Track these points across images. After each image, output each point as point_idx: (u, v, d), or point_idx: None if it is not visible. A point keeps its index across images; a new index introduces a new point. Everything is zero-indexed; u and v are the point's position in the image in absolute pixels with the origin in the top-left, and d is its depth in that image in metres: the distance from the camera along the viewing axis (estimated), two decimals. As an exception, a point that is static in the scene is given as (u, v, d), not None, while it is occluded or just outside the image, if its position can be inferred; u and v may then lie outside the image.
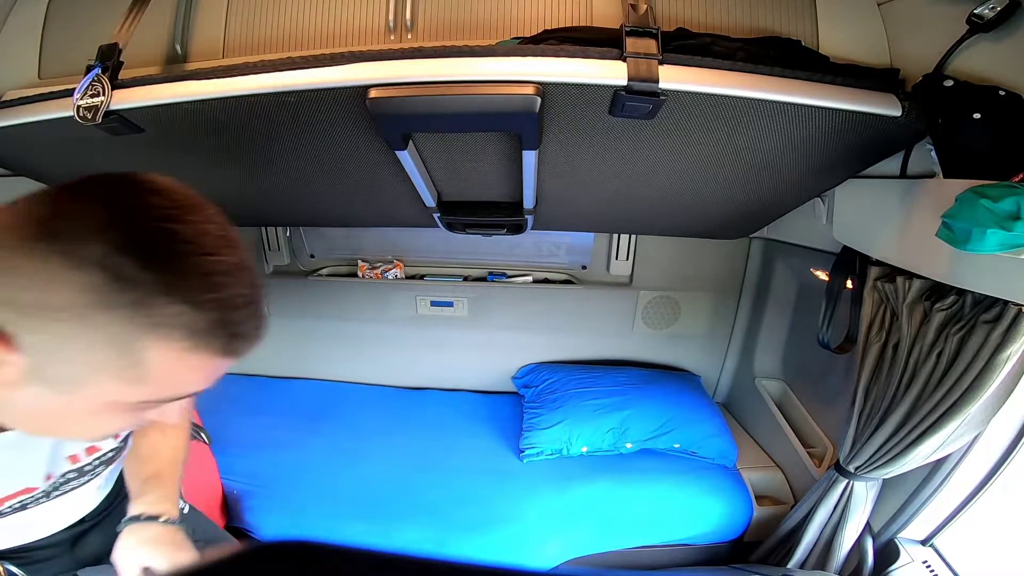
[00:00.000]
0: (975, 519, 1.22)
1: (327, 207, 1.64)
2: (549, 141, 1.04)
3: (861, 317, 1.25)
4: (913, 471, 1.20)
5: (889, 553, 1.31)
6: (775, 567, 1.54)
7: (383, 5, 1.09)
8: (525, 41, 1.01)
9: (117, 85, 0.94)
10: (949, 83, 0.88)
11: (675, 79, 0.84)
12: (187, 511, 1.01)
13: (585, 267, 2.23)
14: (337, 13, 1.10)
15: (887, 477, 1.25)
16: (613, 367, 2.22)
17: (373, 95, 0.87)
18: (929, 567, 1.26)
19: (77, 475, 0.73)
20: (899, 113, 0.88)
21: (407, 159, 1.09)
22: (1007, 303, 0.92)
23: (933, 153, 0.96)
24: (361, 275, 2.28)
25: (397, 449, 1.93)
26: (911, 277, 1.09)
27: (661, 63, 0.84)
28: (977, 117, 0.83)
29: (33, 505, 0.70)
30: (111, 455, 0.77)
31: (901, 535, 1.31)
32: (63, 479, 0.71)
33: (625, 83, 0.83)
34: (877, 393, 1.21)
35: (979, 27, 0.84)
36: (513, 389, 2.32)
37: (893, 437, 1.16)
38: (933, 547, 1.30)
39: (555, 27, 1.05)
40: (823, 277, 1.49)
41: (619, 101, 0.86)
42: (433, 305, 2.24)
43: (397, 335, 2.32)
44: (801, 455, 1.69)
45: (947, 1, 0.89)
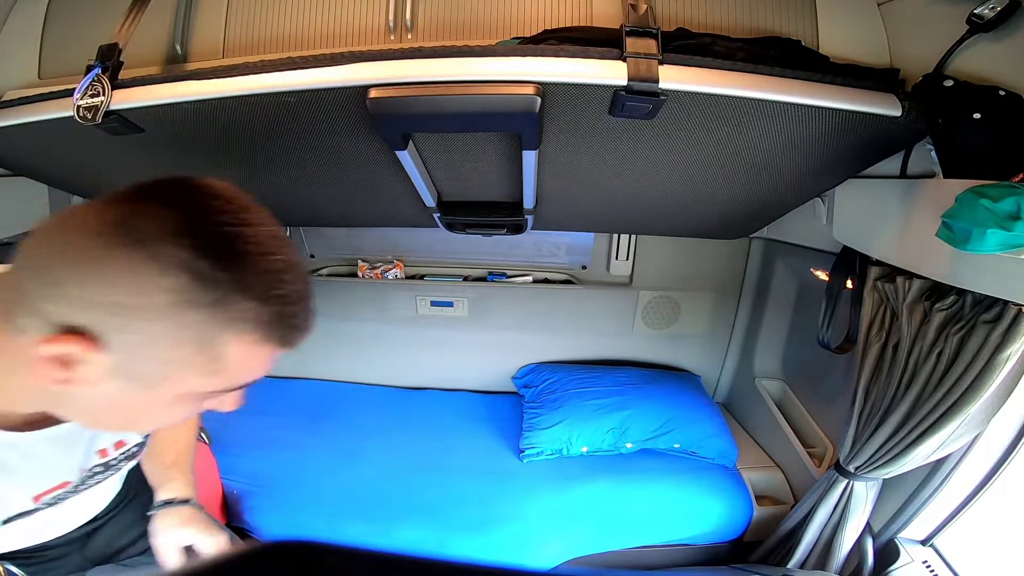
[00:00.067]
0: (975, 519, 1.22)
1: (327, 207, 1.64)
2: (549, 141, 1.04)
3: (861, 317, 1.25)
4: (913, 471, 1.20)
5: (889, 553, 1.31)
6: (775, 567, 1.54)
7: (383, 5, 1.09)
8: (525, 41, 1.01)
9: (117, 85, 0.94)
10: (949, 83, 0.88)
11: (675, 79, 0.84)
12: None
13: (585, 267, 2.23)
14: (337, 13, 1.10)
15: (887, 477, 1.25)
16: (613, 367, 2.22)
17: (373, 95, 0.87)
18: (929, 567, 1.26)
19: (103, 469, 0.73)
20: (899, 113, 0.88)
21: (407, 159, 1.09)
22: (1007, 303, 0.92)
23: (933, 153, 0.96)
24: (361, 275, 2.28)
25: (397, 449, 1.93)
26: (911, 277, 1.09)
27: (661, 63, 0.84)
28: (977, 117, 0.83)
29: (63, 500, 0.70)
30: (135, 450, 0.77)
31: (901, 535, 1.31)
32: (90, 473, 0.72)
33: (625, 83, 0.83)
34: (877, 393, 1.21)
35: (979, 27, 0.84)
36: (513, 389, 2.31)
37: (893, 437, 1.16)
38: (933, 547, 1.30)
39: (555, 27, 1.05)
40: (823, 277, 1.49)
41: (619, 101, 0.87)
42: (433, 305, 2.24)
43: (397, 335, 2.32)
44: (801, 455, 1.69)
45: (947, 1, 0.89)
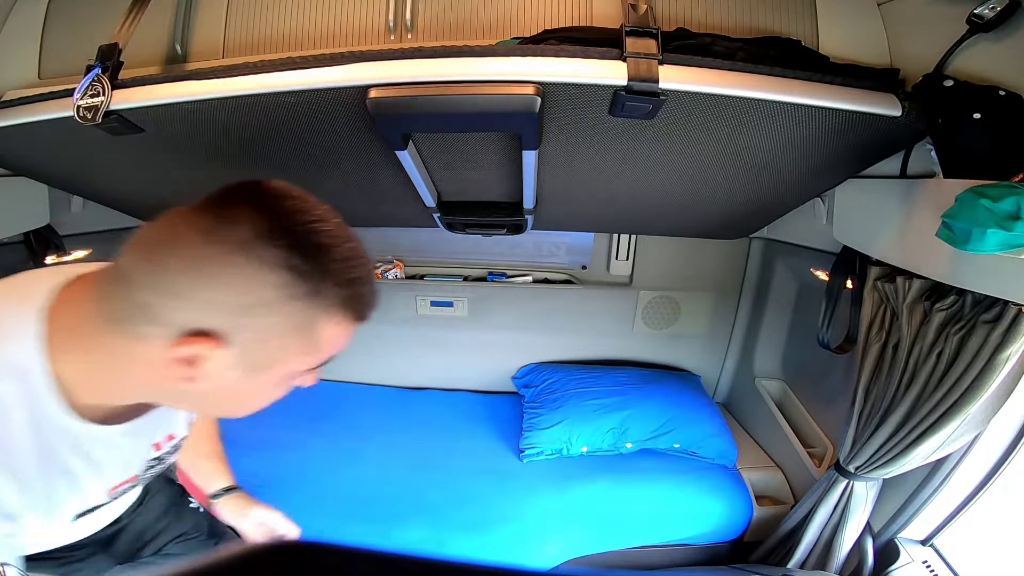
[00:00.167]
0: (975, 519, 1.22)
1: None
2: (549, 141, 1.04)
3: (861, 317, 1.25)
4: (913, 471, 1.20)
5: (889, 553, 1.31)
6: (775, 567, 1.54)
7: (383, 5, 1.09)
8: (525, 41, 1.01)
9: (117, 85, 0.94)
10: (949, 83, 0.88)
11: (675, 79, 0.84)
12: (201, 510, 1.09)
13: (585, 267, 2.23)
14: (337, 13, 1.10)
15: (887, 477, 1.25)
16: (613, 367, 2.22)
17: (373, 95, 0.87)
18: (929, 567, 1.26)
19: (157, 463, 0.74)
20: (899, 113, 0.88)
21: (407, 159, 1.09)
22: (1007, 303, 0.92)
23: (933, 153, 0.96)
24: (361, 275, 2.28)
25: (397, 449, 1.93)
26: (911, 277, 1.09)
27: (661, 63, 0.84)
28: (977, 117, 0.83)
29: (125, 494, 0.70)
30: (180, 443, 0.77)
31: (901, 535, 1.31)
32: (149, 466, 0.72)
33: (625, 83, 0.83)
34: (877, 393, 1.21)
35: (979, 27, 0.84)
36: (513, 389, 2.32)
37: (893, 437, 1.16)
38: (933, 547, 1.30)
39: (555, 27, 1.05)
40: (823, 277, 1.49)
41: (619, 101, 0.86)
42: (433, 305, 2.24)
43: (397, 335, 2.31)
44: (801, 455, 1.69)
45: (947, 1, 0.89)
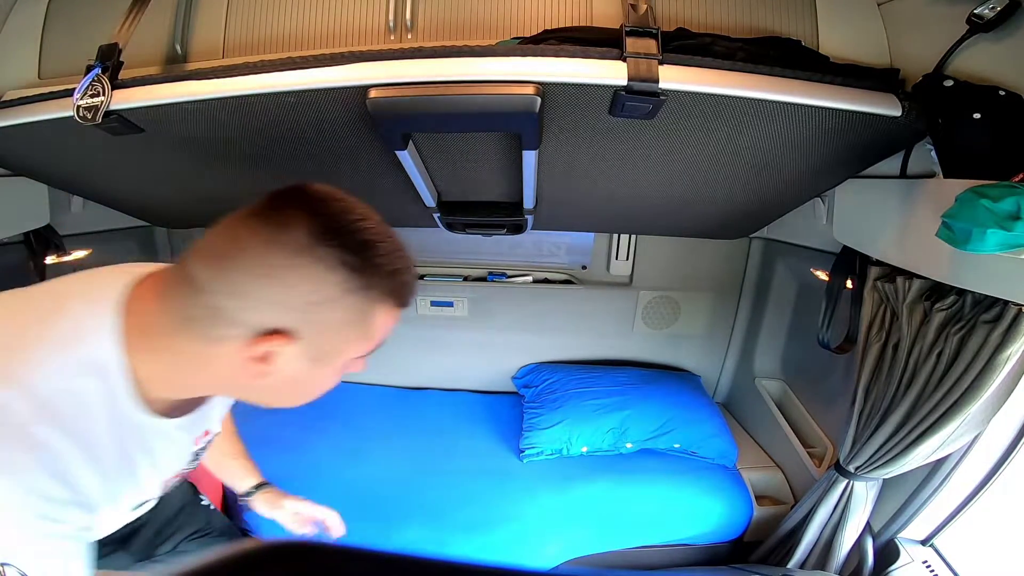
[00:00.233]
0: (975, 519, 1.22)
1: (327, 207, 1.64)
2: (549, 141, 1.04)
3: (861, 317, 1.25)
4: (913, 471, 1.20)
5: (889, 553, 1.31)
6: (775, 567, 1.54)
7: (383, 5, 1.09)
8: (525, 41, 1.01)
9: (117, 85, 0.94)
10: (949, 83, 0.88)
11: (675, 79, 0.84)
12: (212, 507, 1.16)
13: (585, 267, 2.23)
14: (337, 13, 1.10)
15: (887, 477, 1.25)
16: (613, 367, 2.22)
17: (373, 95, 0.87)
18: (929, 567, 1.26)
19: (194, 458, 0.75)
20: (899, 113, 0.88)
21: (407, 159, 1.09)
22: (1007, 303, 0.92)
23: (933, 153, 0.96)
24: (361, 275, 2.28)
25: (397, 449, 1.93)
26: (911, 277, 1.09)
27: (661, 63, 0.84)
28: (977, 117, 0.83)
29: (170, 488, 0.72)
30: (212, 439, 0.78)
31: (901, 535, 1.31)
32: (190, 461, 0.73)
33: (625, 83, 0.83)
34: (877, 393, 1.21)
35: (979, 27, 0.84)
36: (513, 389, 2.31)
37: (893, 437, 1.16)
38: (933, 547, 1.30)
39: (555, 27, 1.05)
40: (823, 277, 1.49)
41: (619, 101, 0.86)
42: (433, 305, 2.24)
43: (397, 335, 2.25)
44: (801, 455, 1.69)
45: (947, 1, 0.89)
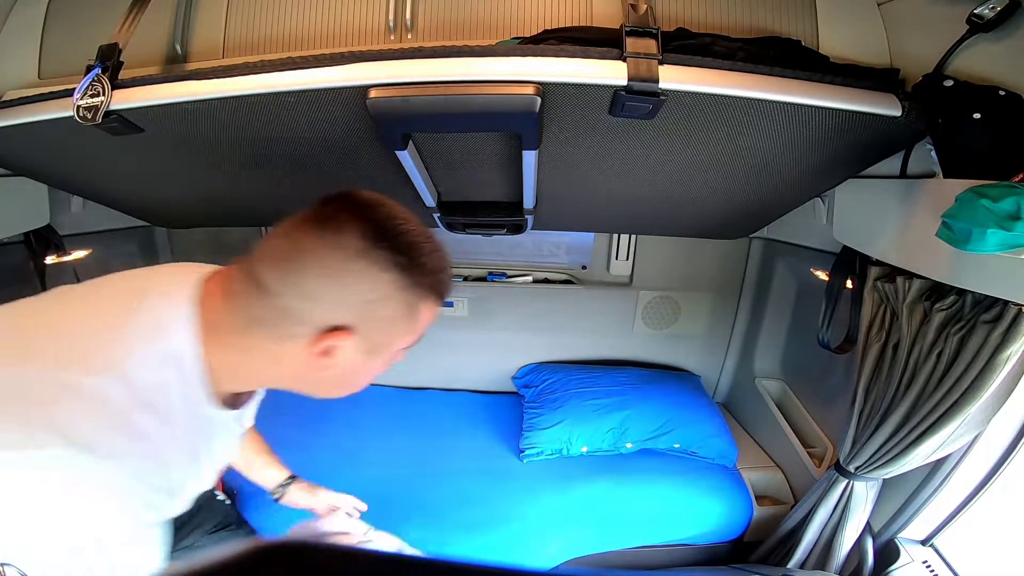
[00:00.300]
0: (975, 519, 1.22)
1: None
2: (549, 141, 1.04)
3: (861, 317, 1.25)
4: (913, 471, 1.20)
5: (889, 553, 1.31)
6: (775, 567, 1.54)
7: (383, 5, 1.09)
8: (525, 41, 1.01)
9: (117, 85, 0.94)
10: (949, 83, 0.88)
11: (675, 79, 0.84)
12: (227, 502, 1.21)
13: (585, 267, 2.23)
14: (337, 13, 1.10)
15: (887, 477, 1.25)
16: (613, 367, 2.22)
17: (373, 95, 0.87)
18: (929, 567, 1.26)
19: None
20: (899, 113, 0.88)
21: (407, 159, 1.09)
22: (1007, 303, 0.92)
23: (933, 153, 0.96)
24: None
25: (397, 449, 1.93)
26: (911, 277, 1.09)
27: (661, 63, 0.84)
28: (977, 117, 0.83)
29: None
30: (244, 434, 0.78)
31: (901, 535, 1.31)
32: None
33: (625, 83, 0.83)
34: (877, 393, 1.21)
35: (979, 27, 0.84)
36: (513, 389, 2.31)
37: (893, 437, 1.16)
38: (933, 547, 1.30)
39: (555, 27, 1.05)
40: (823, 277, 1.49)
41: (619, 101, 0.86)
42: (433, 305, 2.24)
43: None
44: (801, 455, 1.69)
45: (947, 1, 0.89)
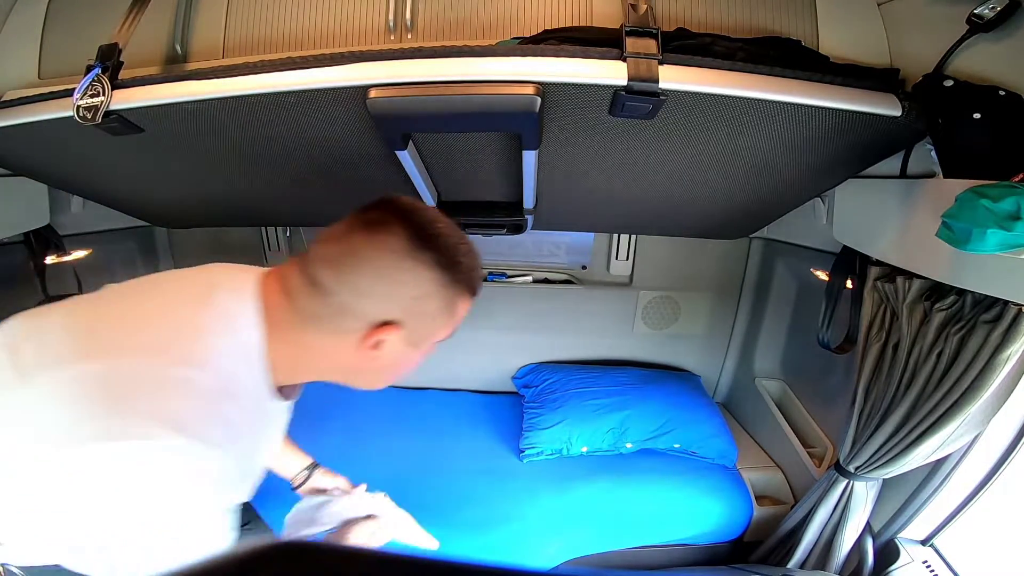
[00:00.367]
0: (975, 519, 1.22)
1: (327, 207, 1.64)
2: (549, 141, 1.04)
3: (861, 317, 1.25)
4: (913, 471, 1.20)
5: (889, 553, 1.31)
6: (775, 567, 1.54)
7: (383, 5, 1.09)
8: (525, 41, 1.01)
9: (117, 85, 0.94)
10: (949, 83, 0.88)
11: (675, 79, 0.84)
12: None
13: (585, 267, 2.23)
14: (337, 13, 1.10)
15: (887, 477, 1.25)
16: (613, 367, 2.22)
17: (373, 95, 0.87)
18: (929, 567, 1.26)
19: None
20: (899, 113, 0.88)
21: (407, 159, 1.09)
22: (1007, 303, 0.92)
23: (933, 153, 0.96)
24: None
25: (397, 449, 1.93)
26: (911, 277, 1.09)
27: (661, 63, 0.84)
28: (977, 117, 0.83)
29: None
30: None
31: (901, 535, 1.31)
32: None
33: (625, 83, 0.83)
34: (877, 393, 1.21)
35: (979, 27, 0.84)
36: (513, 389, 2.31)
37: (893, 437, 1.16)
38: (933, 547, 1.30)
39: (555, 27, 1.05)
40: (823, 277, 1.49)
41: (619, 101, 0.86)
42: (433, 305, 2.24)
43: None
44: (801, 455, 1.69)
45: (947, 1, 0.89)
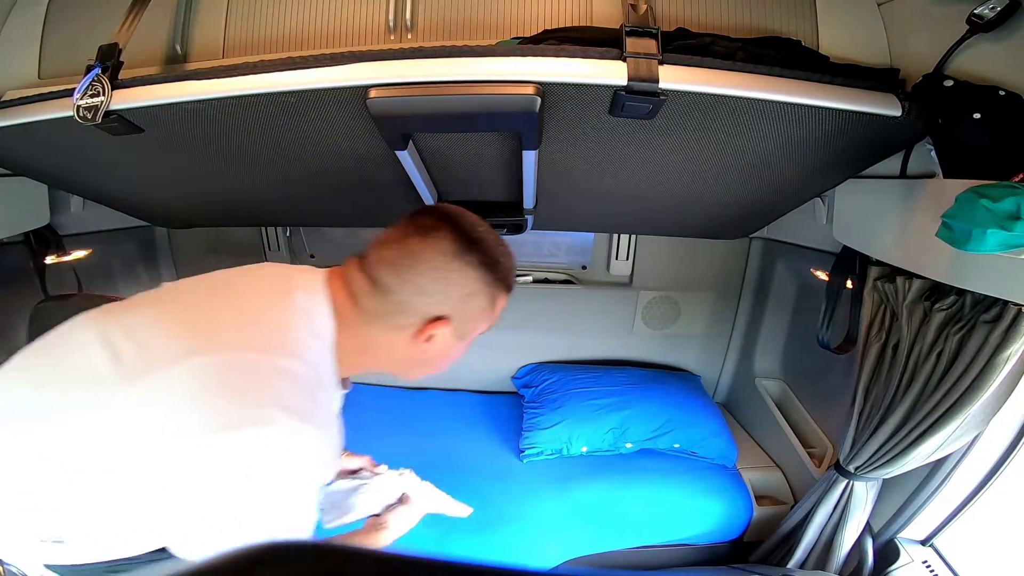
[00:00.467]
0: (975, 519, 1.22)
1: (327, 207, 1.64)
2: (549, 141, 1.04)
3: (861, 317, 1.25)
4: (913, 471, 1.20)
5: (889, 553, 1.31)
6: (775, 567, 1.54)
7: (383, 5, 1.09)
8: (525, 41, 1.01)
9: (117, 85, 0.94)
10: (949, 83, 0.88)
11: (675, 79, 0.84)
12: None
13: (585, 267, 2.23)
14: (337, 13, 1.10)
15: (887, 477, 1.26)
16: (613, 367, 2.22)
17: (373, 95, 0.87)
18: (929, 567, 1.26)
19: None
20: (899, 113, 0.88)
21: (407, 159, 1.09)
22: (1007, 303, 0.92)
23: (933, 153, 0.96)
24: (361, 275, 2.28)
25: (397, 449, 1.91)
26: (911, 277, 1.09)
27: (661, 63, 0.84)
28: (977, 117, 0.83)
29: None
30: None
31: (901, 535, 1.31)
32: None
33: (625, 83, 0.83)
34: (877, 393, 1.21)
35: (979, 27, 0.84)
36: (513, 389, 2.31)
37: (893, 437, 1.16)
38: (933, 547, 1.30)
39: (555, 27, 1.05)
40: (823, 277, 1.49)
41: (619, 101, 0.86)
42: (433, 305, 2.23)
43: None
44: (801, 455, 1.69)
45: (947, 1, 0.89)
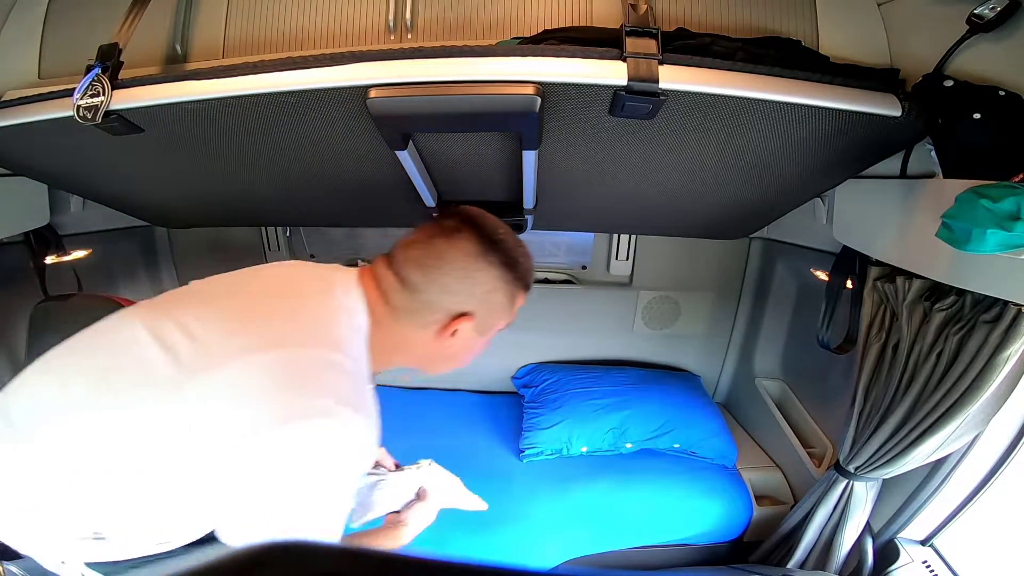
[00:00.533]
0: (975, 519, 1.22)
1: (327, 207, 1.64)
2: (549, 141, 1.04)
3: (861, 317, 1.25)
4: (913, 471, 1.20)
5: (889, 553, 1.31)
6: (775, 567, 1.54)
7: (383, 5, 1.09)
8: (525, 41, 1.01)
9: (117, 85, 0.94)
10: (949, 83, 0.88)
11: (675, 79, 0.84)
12: None
13: (585, 267, 2.23)
14: (337, 13, 1.10)
15: (887, 477, 1.26)
16: (613, 367, 2.22)
17: (373, 95, 0.87)
18: (929, 567, 1.26)
19: None
20: (899, 113, 0.88)
21: (407, 159, 1.09)
22: (1007, 303, 0.92)
23: (933, 153, 0.96)
24: (361, 275, 2.28)
25: (396, 449, 1.91)
26: (911, 277, 1.09)
27: (661, 63, 0.84)
28: (977, 117, 0.83)
29: None
30: None
31: (901, 535, 1.31)
32: None
33: (625, 83, 0.83)
34: (877, 393, 1.21)
35: (979, 27, 0.84)
36: (513, 389, 2.31)
37: (893, 437, 1.16)
38: (933, 547, 1.30)
39: (555, 27, 1.05)
40: (823, 277, 1.49)
41: (619, 101, 0.86)
42: (433, 305, 2.23)
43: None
44: (801, 455, 1.69)
45: (947, 1, 0.89)
